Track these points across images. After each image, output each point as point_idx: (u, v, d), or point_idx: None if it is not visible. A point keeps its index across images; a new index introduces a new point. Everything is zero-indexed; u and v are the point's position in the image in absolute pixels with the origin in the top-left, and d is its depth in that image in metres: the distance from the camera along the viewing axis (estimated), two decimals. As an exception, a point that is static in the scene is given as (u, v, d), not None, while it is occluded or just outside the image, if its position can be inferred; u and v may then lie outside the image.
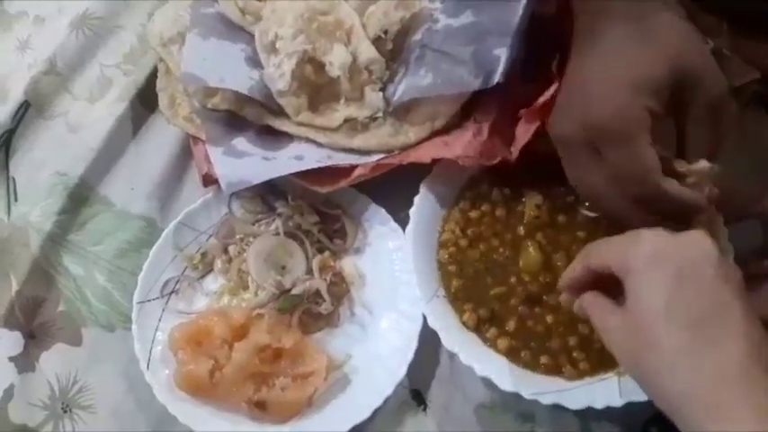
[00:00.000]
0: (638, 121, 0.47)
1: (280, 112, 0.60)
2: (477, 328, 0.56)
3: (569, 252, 0.57)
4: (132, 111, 0.68)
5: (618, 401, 0.51)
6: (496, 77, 0.58)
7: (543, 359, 0.54)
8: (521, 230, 0.59)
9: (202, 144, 0.61)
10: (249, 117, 0.60)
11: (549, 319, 0.55)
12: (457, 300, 0.57)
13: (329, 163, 0.59)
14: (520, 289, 0.56)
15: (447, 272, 0.58)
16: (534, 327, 0.55)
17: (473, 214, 0.60)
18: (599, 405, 0.51)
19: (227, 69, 0.60)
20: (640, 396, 0.51)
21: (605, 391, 0.52)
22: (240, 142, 0.60)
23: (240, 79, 0.60)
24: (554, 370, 0.54)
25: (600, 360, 0.54)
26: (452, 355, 0.57)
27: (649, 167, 0.47)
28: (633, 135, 0.47)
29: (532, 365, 0.54)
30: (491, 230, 0.59)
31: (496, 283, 0.57)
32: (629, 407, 0.52)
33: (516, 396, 0.53)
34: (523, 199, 0.59)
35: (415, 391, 0.57)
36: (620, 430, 0.55)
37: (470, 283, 0.57)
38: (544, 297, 0.56)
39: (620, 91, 0.47)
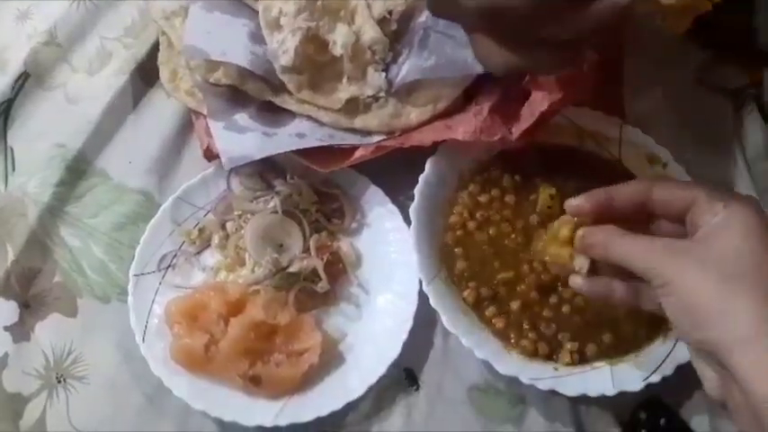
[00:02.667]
0: None
1: (282, 89, 0.60)
2: (477, 305, 0.56)
3: None
4: (132, 84, 0.67)
5: (611, 390, 0.52)
6: (500, 62, 0.58)
7: (540, 346, 0.55)
8: (534, 219, 0.59)
9: (203, 118, 0.61)
10: (251, 92, 0.60)
11: (564, 308, 0.56)
12: (461, 279, 0.57)
13: (330, 142, 0.59)
14: (532, 276, 0.57)
15: (452, 254, 0.58)
16: (540, 313, 0.56)
17: (482, 198, 0.60)
18: (593, 393, 0.52)
19: (230, 44, 0.60)
20: (632, 386, 0.53)
21: (599, 380, 0.53)
22: (242, 118, 0.60)
23: (243, 54, 0.59)
24: (549, 357, 0.55)
25: (593, 350, 0.55)
26: (446, 337, 0.58)
27: None
28: None
29: (529, 351, 0.55)
30: (500, 215, 0.59)
31: (504, 268, 0.57)
32: (620, 394, 0.52)
33: (509, 379, 0.53)
34: (537, 188, 0.59)
35: (408, 371, 0.58)
36: (610, 415, 0.56)
37: (476, 265, 0.58)
38: (559, 287, 0.56)
39: None
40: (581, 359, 0.55)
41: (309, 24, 0.59)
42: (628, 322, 0.56)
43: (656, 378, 0.53)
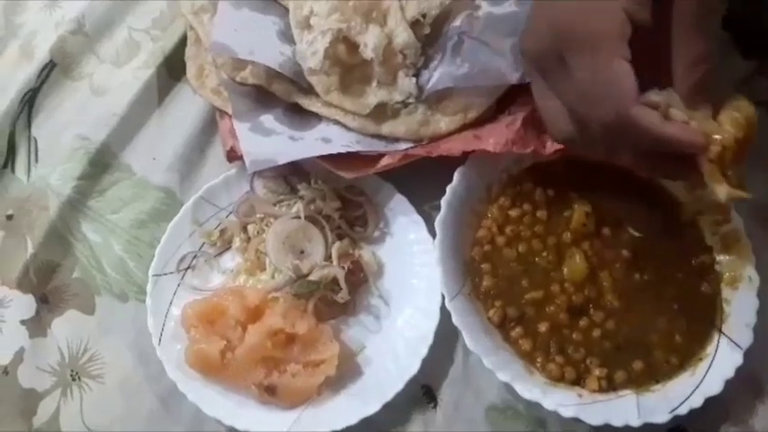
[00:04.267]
0: (612, 23, 0.40)
1: (309, 91, 0.59)
2: (502, 325, 0.55)
3: (612, 270, 0.56)
4: (158, 78, 0.67)
5: (636, 420, 0.50)
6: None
7: (567, 371, 0.53)
8: (566, 237, 0.57)
9: (228, 118, 0.60)
10: (278, 93, 0.59)
11: (594, 332, 0.54)
12: (487, 297, 0.56)
13: (357, 148, 0.58)
14: (563, 297, 0.55)
15: (478, 270, 0.57)
16: (569, 336, 0.54)
17: (513, 213, 0.58)
18: (617, 423, 0.50)
19: (258, 42, 0.59)
20: (658, 417, 0.51)
21: (623, 409, 0.52)
22: (267, 119, 0.59)
23: (271, 54, 0.58)
24: (576, 382, 0.53)
25: (622, 377, 0.53)
26: (467, 355, 0.57)
27: (622, 86, 0.40)
28: (604, 40, 0.40)
29: (555, 375, 0.53)
30: (531, 231, 0.58)
31: (533, 287, 0.56)
32: (645, 424, 0.51)
33: (530, 402, 0.52)
34: (572, 204, 0.58)
35: (426, 388, 0.56)
36: (632, 447, 0.54)
37: (504, 283, 0.56)
38: (591, 310, 0.55)
39: None
40: (609, 386, 0.53)
41: (341, 26, 0.57)
42: (660, 349, 0.54)
43: (683, 410, 0.51)
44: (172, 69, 0.67)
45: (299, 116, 0.60)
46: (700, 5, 0.40)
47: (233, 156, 0.60)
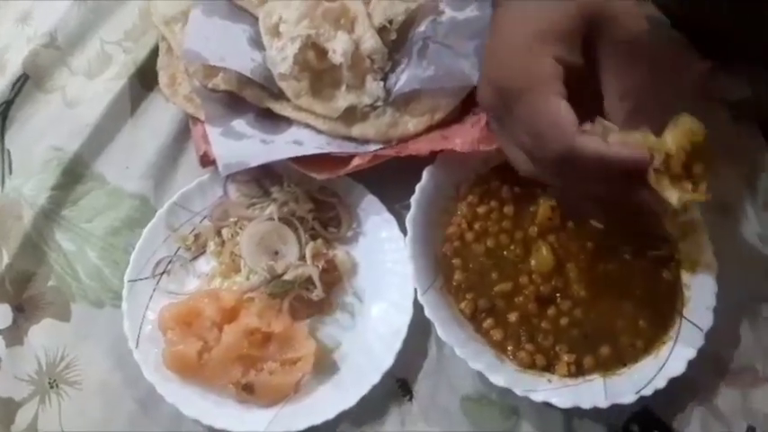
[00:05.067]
0: (543, 70, 0.43)
1: (280, 96, 0.60)
2: (474, 316, 0.56)
3: (577, 261, 0.58)
4: (131, 89, 0.67)
5: (604, 402, 0.52)
6: (498, 73, 0.58)
7: (538, 358, 0.54)
8: (533, 231, 0.59)
9: (201, 124, 0.61)
10: (249, 99, 0.60)
11: (562, 321, 0.56)
12: (458, 291, 0.57)
13: (328, 150, 0.59)
14: (531, 288, 0.57)
15: (449, 265, 0.58)
16: (539, 325, 0.56)
17: (481, 209, 0.60)
18: (585, 405, 0.52)
19: (229, 49, 0.60)
20: (624, 398, 0.52)
21: (592, 392, 0.53)
22: (239, 124, 0.60)
23: (242, 60, 0.60)
24: (546, 369, 0.55)
25: (590, 362, 0.55)
26: (441, 347, 0.58)
27: (560, 120, 0.42)
28: (537, 84, 0.43)
29: (526, 363, 0.55)
30: (498, 226, 0.59)
31: (503, 279, 0.57)
32: (613, 406, 0.52)
33: (503, 390, 0.53)
34: (537, 200, 0.59)
35: (401, 381, 0.58)
36: (602, 427, 0.56)
37: (474, 276, 0.58)
38: (558, 300, 0.57)
39: (526, 42, 0.44)
40: (578, 371, 0.54)
41: (309, 32, 0.59)
42: (626, 334, 0.56)
43: (648, 391, 0.52)
44: (144, 80, 0.68)
45: (271, 120, 0.61)
46: (623, 44, 0.44)
47: (206, 161, 0.61)
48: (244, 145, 0.59)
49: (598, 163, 0.42)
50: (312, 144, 0.59)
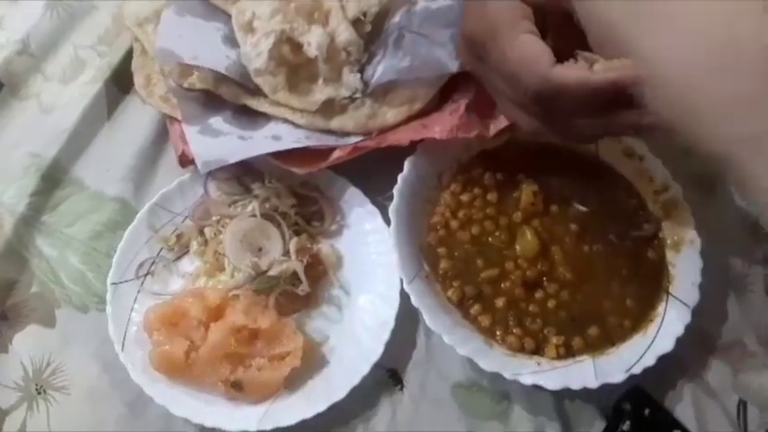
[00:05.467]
0: (506, 10, 0.43)
1: (257, 92, 0.60)
2: (461, 303, 0.56)
3: (563, 245, 0.58)
4: (106, 92, 0.67)
5: (593, 383, 0.52)
6: (474, 60, 0.58)
7: (527, 342, 0.55)
8: (517, 216, 0.59)
9: (178, 124, 0.61)
10: (225, 96, 0.59)
11: (550, 303, 0.56)
12: (445, 279, 0.57)
13: (307, 143, 0.59)
14: (518, 273, 0.57)
15: (435, 254, 0.58)
16: (526, 309, 0.56)
17: (464, 197, 0.60)
18: (575, 386, 0.52)
19: (203, 47, 0.60)
20: (614, 377, 0.53)
21: (581, 373, 0.53)
22: (216, 121, 0.60)
23: (216, 57, 0.59)
24: (535, 352, 0.55)
25: (579, 344, 0.55)
26: (429, 336, 0.58)
27: (531, 53, 0.41)
28: (502, 25, 0.43)
29: (515, 347, 0.55)
30: (482, 213, 0.59)
31: (488, 266, 0.57)
32: (603, 386, 0.52)
33: (492, 376, 0.53)
34: (520, 185, 0.60)
35: (391, 371, 0.57)
36: (594, 407, 0.56)
37: (460, 264, 0.58)
38: (545, 283, 0.57)
39: None
40: (567, 353, 0.54)
41: (283, 27, 0.59)
42: (613, 314, 0.56)
43: (637, 369, 0.53)
44: (120, 83, 0.67)
45: (248, 117, 0.61)
46: None
47: (185, 160, 0.60)
48: (222, 142, 0.59)
49: (582, 90, 0.40)
50: (290, 138, 0.59)
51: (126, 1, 0.66)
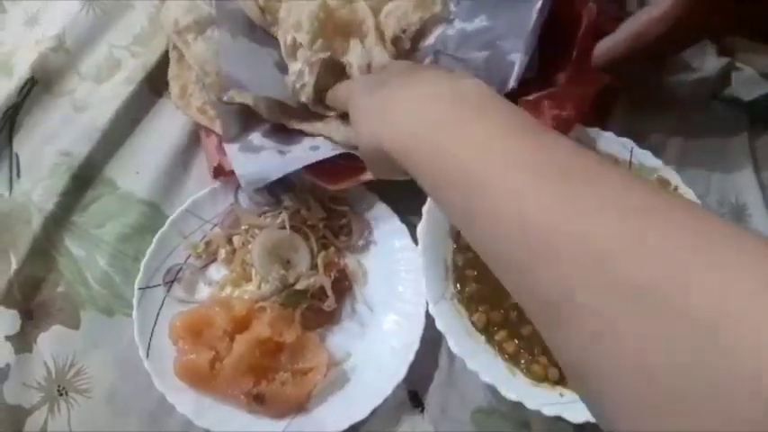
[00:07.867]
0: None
1: (297, 113, 0.60)
2: (486, 329, 0.56)
3: None
4: (140, 93, 0.67)
5: None
6: (511, 83, 0.58)
7: (551, 372, 0.54)
8: None
9: (215, 136, 0.61)
10: (264, 115, 0.59)
11: None
12: (471, 302, 0.57)
13: (345, 150, 0.58)
14: None
15: (462, 276, 0.58)
16: None
17: None
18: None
19: (264, 77, 0.60)
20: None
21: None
22: (256, 137, 0.60)
23: (276, 87, 0.59)
24: (558, 382, 0.54)
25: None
26: (452, 359, 0.58)
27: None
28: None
29: (539, 376, 0.54)
30: None
31: None
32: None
33: (513, 403, 0.53)
34: None
35: (412, 393, 0.58)
36: (614, 441, 0.56)
37: (488, 288, 0.57)
38: None
39: None
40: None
41: (323, 56, 0.58)
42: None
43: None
44: (153, 85, 0.67)
45: (286, 132, 0.60)
46: None
47: (219, 172, 0.60)
48: (262, 157, 0.58)
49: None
50: (329, 147, 0.59)
51: (164, 2, 0.66)
